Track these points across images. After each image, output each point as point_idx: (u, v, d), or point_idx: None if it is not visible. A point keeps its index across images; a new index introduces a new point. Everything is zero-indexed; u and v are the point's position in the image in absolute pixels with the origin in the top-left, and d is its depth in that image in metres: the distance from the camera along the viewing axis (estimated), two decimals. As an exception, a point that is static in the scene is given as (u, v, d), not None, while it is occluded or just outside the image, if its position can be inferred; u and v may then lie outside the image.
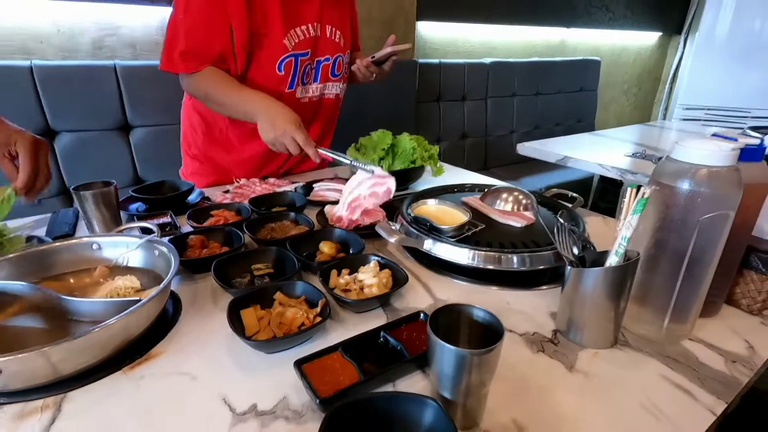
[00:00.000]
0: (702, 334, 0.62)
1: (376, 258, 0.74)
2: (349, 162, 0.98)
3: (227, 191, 1.14)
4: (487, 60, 2.71)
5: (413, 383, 0.52)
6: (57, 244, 0.69)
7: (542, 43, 3.19)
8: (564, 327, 0.61)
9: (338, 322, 0.64)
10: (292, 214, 0.94)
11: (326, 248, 0.80)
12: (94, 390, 0.51)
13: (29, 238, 0.84)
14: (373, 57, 1.22)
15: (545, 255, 0.74)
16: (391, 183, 0.92)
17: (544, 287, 0.74)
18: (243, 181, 1.19)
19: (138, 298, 0.56)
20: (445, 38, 2.69)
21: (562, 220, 0.57)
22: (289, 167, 1.36)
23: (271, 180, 1.22)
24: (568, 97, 3.17)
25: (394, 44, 1.19)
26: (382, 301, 0.67)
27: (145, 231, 0.76)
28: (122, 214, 0.96)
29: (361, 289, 0.68)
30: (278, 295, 0.64)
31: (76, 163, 1.58)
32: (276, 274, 0.74)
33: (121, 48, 1.68)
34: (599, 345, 0.59)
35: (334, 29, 1.20)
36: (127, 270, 0.71)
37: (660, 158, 1.37)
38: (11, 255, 0.65)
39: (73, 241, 0.70)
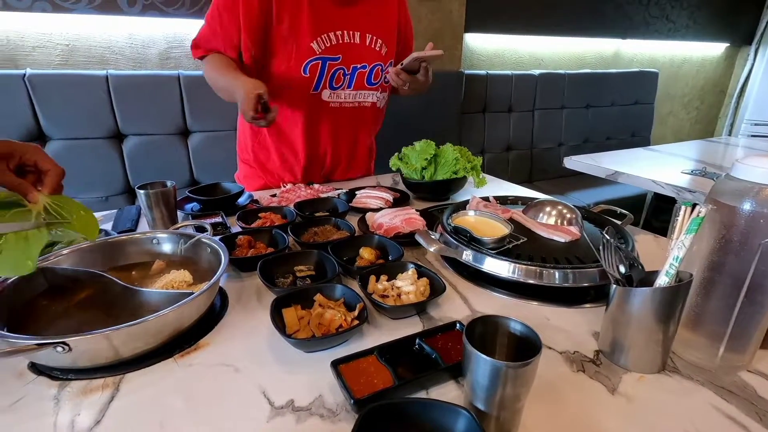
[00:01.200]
0: (762, 366, 0.57)
1: (415, 266, 0.75)
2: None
3: (274, 195, 1.20)
4: (536, 71, 2.66)
5: (446, 392, 0.52)
6: (122, 237, 0.76)
7: (594, 55, 3.09)
8: (607, 348, 0.59)
9: (375, 326, 0.65)
10: (334, 219, 0.97)
11: (366, 254, 0.81)
12: (148, 373, 0.55)
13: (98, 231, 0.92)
14: (401, 64, 1.18)
15: (589, 272, 0.72)
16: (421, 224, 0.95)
17: (587, 305, 0.72)
18: (289, 185, 1.24)
19: (190, 291, 0.60)
20: (493, 50, 2.67)
21: (608, 236, 0.56)
22: (327, 173, 1.39)
23: (316, 186, 1.26)
24: (622, 110, 3.04)
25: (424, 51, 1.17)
26: (419, 308, 0.67)
27: (199, 229, 0.81)
28: (178, 212, 1.04)
29: (399, 295, 0.69)
30: (318, 297, 0.67)
31: (140, 165, 1.70)
32: (317, 276, 0.77)
33: (185, 59, 1.81)
34: (645, 369, 0.56)
35: (375, 38, 1.22)
36: (181, 264, 0.76)
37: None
38: (84, 245, 0.72)
39: (136, 235, 0.76)
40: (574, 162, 1.86)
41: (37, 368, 0.55)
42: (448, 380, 0.54)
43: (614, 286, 0.57)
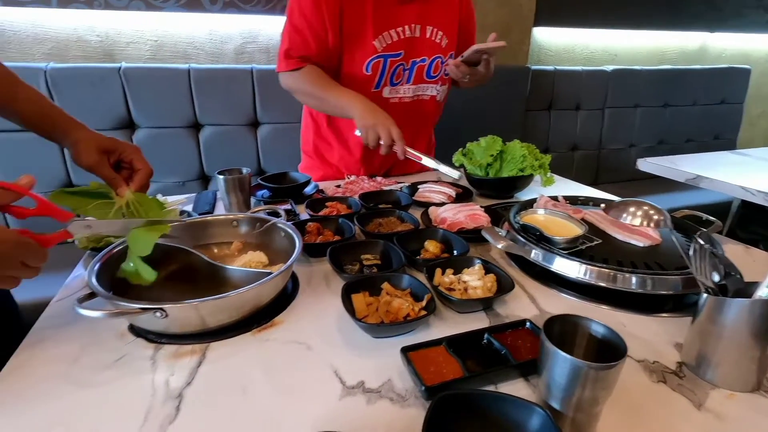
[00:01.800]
0: None
1: (482, 261, 0.74)
2: (435, 166, 1.01)
3: (339, 186, 1.23)
4: (608, 67, 2.51)
5: (516, 389, 0.52)
6: (206, 218, 0.82)
7: (675, 49, 2.86)
8: (692, 361, 0.55)
9: (440, 318, 0.65)
10: (399, 211, 0.98)
11: (431, 247, 0.82)
12: (230, 344, 0.59)
13: (182, 212, 0.99)
14: (462, 56, 1.16)
15: (670, 279, 0.67)
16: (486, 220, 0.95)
17: (665, 315, 0.68)
18: (353, 177, 1.27)
19: (269, 271, 0.63)
20: (562, 44, 2.55)
21: (702, 241, 0.52)
22: (388, 167, 1.40)
23: (378, 179, 1.28)
24: (705, 110, 2.79)
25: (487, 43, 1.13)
26: (486, 304, 0.67)
27: (273, 215, 0.86)
28: (251, 198, 1.10)
29: (465, 290, 0.69)
30: (385, 285, 0.68)
31: (214, 153, 1.82)
32: (382, 265, 0.78)
33: (258, 54, 1.90)
34: (737, 387, 0.52)
35: (435, 30, 1.21)
36: (257, 246, 0.80)
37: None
38: (175, 224, 0.78)
39: (220, 217, 0.82)
40: (648, 164, 1.74)
41: (135, 330, 0.61)
42: (518, 377, 0.53)
43: (705, 295, 0.53)
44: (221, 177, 1.00)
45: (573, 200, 1.01)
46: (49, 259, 0.55)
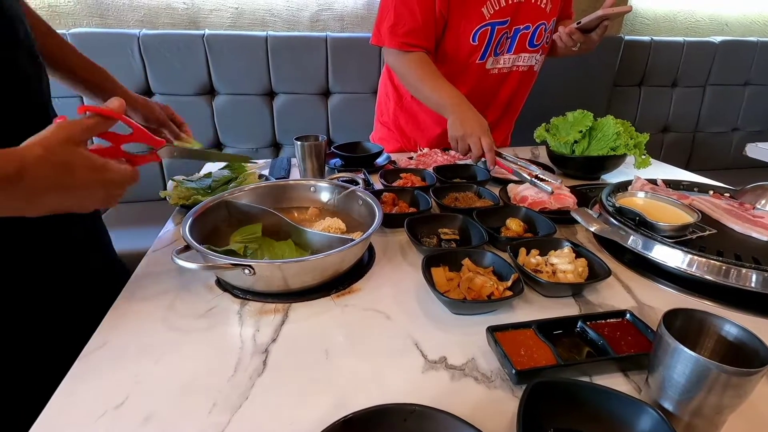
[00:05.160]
0: None
1: (571, 244, 0.68)
2: (528, 178, 0.93)
3: (411, 157, 1.20)
4: (716, 38, 2.21)
5: (613, 384, 0.47)
6: (288, 182, 0.83)
7: (804, 18, 2.45)
8: (833, 375, 0.47)
9: (525, 301, 0.61)
10: (476, 186, 0.94)
11: (513, 225, 0.77)
12: (311, 306, 0.60)
13: (260, 176, 1.02)
14: (578, 23, 1.06)
15: (803, 281, 0.58)
16: (570, 198, 0.87)
17: (794, 320, 0.59)
18: (426, 150, 1.23)
19: (351, 237, 0.63)
20: (662, 12, 2.28)
21: None
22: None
23: (452, 153, 1.23)
24: (834, 90, 2.39)
25: (612, 8, 1.03)
26: (577, 290, 0.62)
27: (349, 182, 0.85)
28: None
29: (554, 272, 0.64)
30: (466, 262, 0.65)
31: (286, 121, 1.86)
32: (460, 241, 0.75)
33: (333, 22, 1.88)
34: None
35: None
36: (334, 213, 0.80)
37: None
38: (260, 185, 0.80)
39: (300, 181, 0.83)
40: (760, 150, 1.53)
41: (222, 285, 0.64)
42: (616, 371, 0.49)
43: None
44: (299, 143, 1.01)
45: (675, 185, 0.90)
46: (144, 215, 0.57)
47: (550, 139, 1.14)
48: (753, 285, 0.59)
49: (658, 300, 0.63)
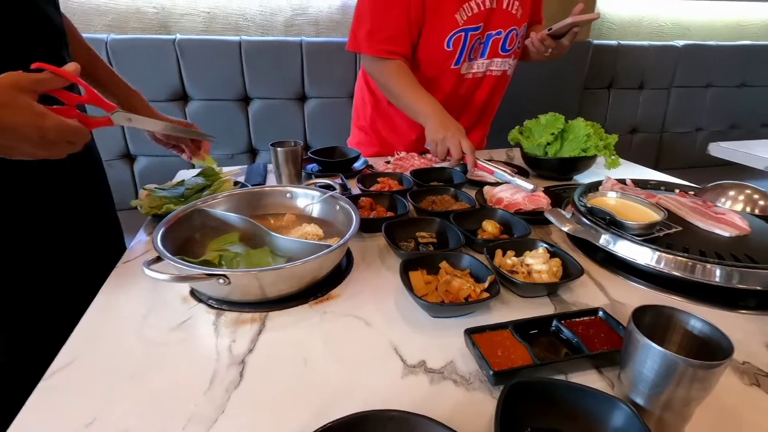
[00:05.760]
0: None
1: (546, 245, 0.70)
2: (508, 179, 0.95)
3: (388, 161, 1.21)
4: (679, 42, 2.30)
5: (588, 381, 0.48)
6: (263, 188, 0.82)
7: (757, 23, 2.58)
8: (791, 364, 0.50)
9: (502, 302, 0.62)
10: (453, 189, 0.95)
11: (489, 227, 0.78)
12: (288, 314, 0.59)
13: (236, 183, 1.01)
14: (549, 29, 1.10)
15: (762, 274, 0.61)
16: (545, 202, 0.89)
17: (752, 312, 0.61)
18: (403, 153, 1.24)
19: (328, 243, 0.62)
20: (627, 16, 2.36)
21: (818, 233, 0.46)
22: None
23: (429, 156, 1.24)
24: (788, 91, 2.52)
25: (580, 14, 1.06)
26: (552, 289, 0.63)
27: (325, 188, 0.85)
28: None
29: (529, 273, 0.65)
30: (444, 265, 0.66)
31: (262, 126, 1.83)
32: (438, 244, 0.76)
33: (307, 26, 1.87)
34: None
35: (512, 0, 1.14)
36: (311, 219, 0.80)
37: None
38: (235, 192, 0.79)
39: (276, 188, 0.82)
40: (722, 149, 1.60)
41: (196, 296, 0.62)
42: (590, 368, 0.50)
43: (815, 293, 0.47)
44: (275, 149, 1.00)
45: (643, 184, 0.93)
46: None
47: (523, 141, 1.16)
48: (717, 280, 0.61)
49: (628, 296, 0.64)
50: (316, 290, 0.63)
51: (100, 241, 0.84)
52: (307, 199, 0.81)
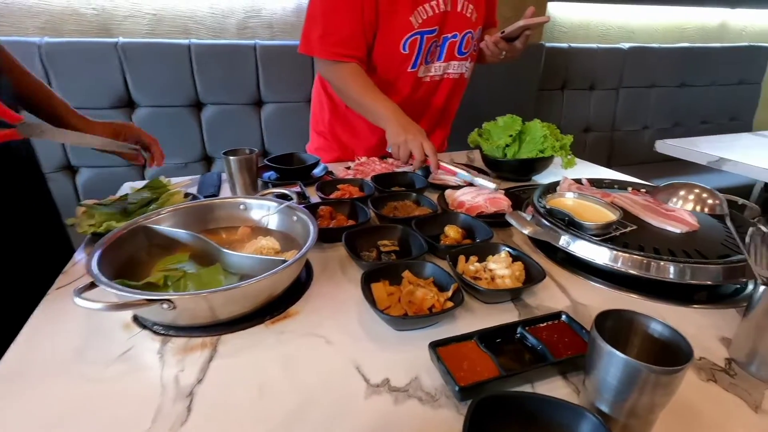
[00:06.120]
0: None
1: (508, 249, 0.69)
2: (470, 179, 0.95)
3: (349, 167, 1.18)
4: (625, 45, 2.42)
5: (554, 388, 0.48)
6: (213, 201, 0.77)
7: (695, 27, 2.75)
8: (743, 358, 0.51)
9: (466, 309, 0.61)
10: (414, 194, 0.93)
11: (452, 232, 0.77)
12: (243, 337, 0.55)
13: (187, 194, 0.95)
14: (502, 32, 1.11)
15: (712, 269, 0.63)
16: (506, 204, 0.90)
17: (707, 306, 0.63)
18: (363, 158, 1.22)
19: (283, 258, 0.59)
20: (577, 20, 2.45)
21: (765, 229, 0.47)
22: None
23: (390, 160, 1.23)
24: (723, 90, 2.70)
25: (532, 17, 1.09)
26: (515, 294, 0.63)
27: (282, 197, 0.81)
28: (258, 180, 1.04)
29: (492, 278, 0.64)
30: (407, 274, 0.64)
31: (217, 133, 1.76)
32: (401, 252, 0.74)
33: (261, 29, 1.82)
34: (796, 386, 0.48)
35: (466, 3, 1.14)
36: (267, 231, 0.76)
37: None
38: (180, 207, 0.74)
39: (227, 200, 0.77)
40: (668, 146, 1.68)
41: (140, 322, 0.57)
42: (556, 375, 0.49)
43: (763, 287, 0.48)
44: (228, 158, 0.95)
45: (598, 183, 0.96)
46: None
47: (483, 143, 1.17)
48: (671, 276, 0.63)
49: (589, 297, 0.65)
50: (273, 308, 0.60)
51: (47, 258, 0.77)
52: (263, 210, 0.77)
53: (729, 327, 0.58)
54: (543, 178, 1.16)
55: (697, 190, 0.60)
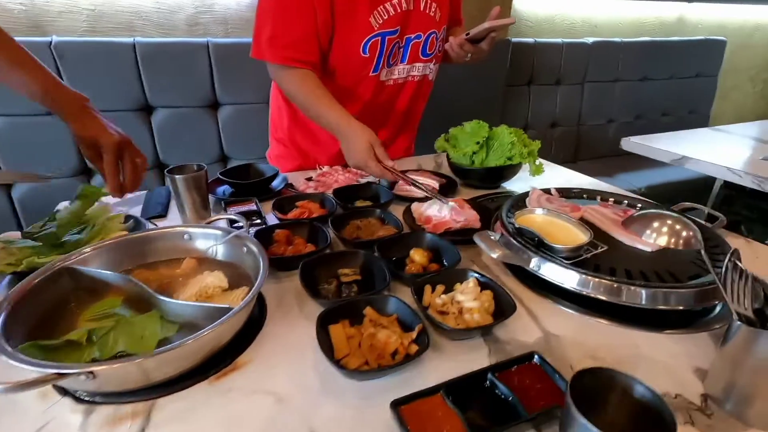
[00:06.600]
0: None
1: (476, 275, 0.65)
2: (427, 194, 0.93)
3: (310, 178, 1.11)
4: (589, 39, 2.43)
5: (527, 444, 0.44)
6: (150, 232, 0.69)
7: (654, 21, 2.80)
8: (719, 394, 0.49)
9: (434, 348, 0.56)
10: (378, 211, 0.88)
11: (417, 256, 0.72)
12: (181, 400, 0.49)
13: (127, 218, 0.86)
14: (467, 34, 1.06)
15: (684, 293, 0.61)
16: (472, 216, 0.86)
17: (681, 331, 0.61)
18: (326, 168, 1.15)
19: (228, 306, 0.52)
20: (542, 14, 2.44)
21: (741, 265, 0.44)
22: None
23: (354, 169, 1.17)
24: (681, 83, 2.76)
25: (497, 18, 1.04)
26: (484, 331, 0.58)
27: (232, 222, 0.74)
28: (210, 197, 0.96)
29: (460, 311, 0.60)
30: (368, 311, 0.58)
31: (170, 139, 1.64)
32: (363, 281, 0.68)
33: (214, 25, 1.70)
34: (773, 427, 0.46)
35: (430, 1, 1.08)
36: (215, 263, 0.69)
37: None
38: (111, 242, 0.65)
39: (166, 230, 0.69)
40: (632, 144, 1.69)
41: (60, 388, 0.50)
42: (528, 429, 0.45)
43: (738, 323, 0.46)
44: (173, 176, 0.86)
45: (567, 193, 0.93)
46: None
47: (450, 150, 1.13)
48: (643, 302, 0.60)
49: (561, 325, 0.62)
50: (219, 360, 0.53)
51: None
52: (209, 240, 0.70)
53: (703, 355, 0.56)
54: (512, 185, 1.13)
55: (670, 222, 0.57)
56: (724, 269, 0.47)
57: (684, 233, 0.56)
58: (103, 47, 1.48)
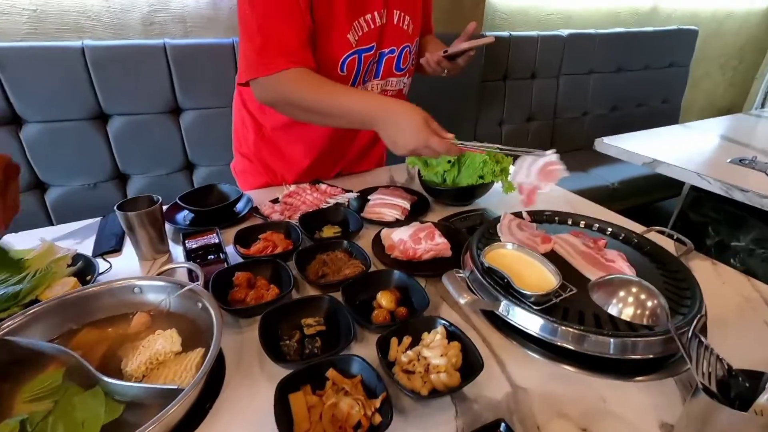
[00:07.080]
0: None
1: (444, 323, 0.63)
2: (497, 150, 0.81)
3: (276, 200, 1.06)
4: (564, 32, 2.39)
5: None
6: (97, 288, 0.64)
7: (628, 11, 2.78)
8: (683, 457, 0.49)
9: (398, 412, 0.55)
10: (346, 242, 0.85)
11: (384, 301, 0.70)
12: (129, 493, 0.46)
13: (76, 257, 0.80)
14: (445, 51, 1.03)
15: (654, 342, 0.60)
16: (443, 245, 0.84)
17: (647, 378, 0.61)
18: (293, 187, 1.10)
19: (177, 387, 0.49)
20: (516, 6, 2.38)
21: (704, 340, 0.43)
22: (340, 169, 1.25)
23: (323, 187, 1.12)
24: (655, 73, 2.78)
25: (473, 35, 1.01)
26: (451, 392, 0.57)
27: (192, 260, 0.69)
28: (168, 226, 0.91)
29: (426, 368, 0.58)
30: (331, 374, 0.56)
31: (128, 147, 1.56)
32: (328, 331, 0.66)
33: (172, 25, 1.59)
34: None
35: (402, 14, 1.02)
36: (168, 317, 0.65)
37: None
38: (52, 302, 0.60)
39: (114, 285, 0.65)
40: (606, 146, 1.69)
41: (-6, 482, 0.46)
42: None
43: (702, 393, 0.45)
44: (123, 214, 0.80)
45: (538, 217, 0.91)
46: None
47: (422, 167, 1.09)
48: (611, 351, 0.60)
49: (529, 376, 0.61)
50: (171, 440, 0.50)
51: None
52: (161, 293, 0.65)
53: (669, 406, 0.56)
54: (486, 201, 1.12)
55: (635, 290, 0.55)
56: (689, 338, 0.46)
57: (649, 303, 0.54)
58: (48, 52, 1.38)
